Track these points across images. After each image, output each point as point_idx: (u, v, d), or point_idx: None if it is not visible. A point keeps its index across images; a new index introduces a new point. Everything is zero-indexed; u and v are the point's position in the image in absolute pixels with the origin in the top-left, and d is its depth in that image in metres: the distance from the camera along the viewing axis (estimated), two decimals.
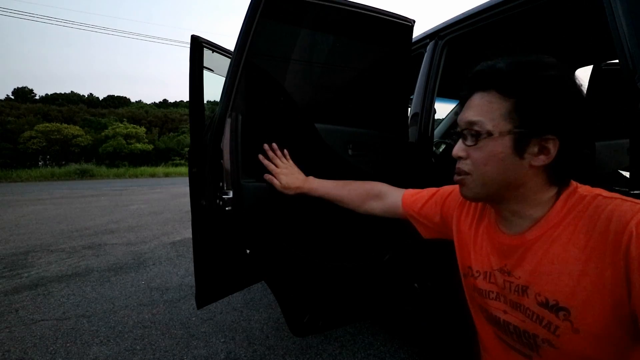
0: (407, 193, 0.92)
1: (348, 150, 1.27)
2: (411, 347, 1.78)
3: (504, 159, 0.55)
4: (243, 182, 1.08)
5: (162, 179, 16.29)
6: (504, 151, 0.55)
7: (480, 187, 0.59)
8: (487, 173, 0.57)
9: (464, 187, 0.62)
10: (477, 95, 0.58)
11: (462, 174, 0.60)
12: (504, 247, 0.62)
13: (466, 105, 0.60)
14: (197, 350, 1.80)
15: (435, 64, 1.49)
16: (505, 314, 0.61)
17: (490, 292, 0.64)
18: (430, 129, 1.49)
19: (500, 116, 0.55)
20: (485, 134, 0.55)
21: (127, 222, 5.29)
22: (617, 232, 0.47)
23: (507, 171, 0.55)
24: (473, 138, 0.57)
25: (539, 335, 0.55)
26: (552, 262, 0.54)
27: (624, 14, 0.83)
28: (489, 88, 0.56)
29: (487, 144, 0.56)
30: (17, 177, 15.79)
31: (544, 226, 0.56)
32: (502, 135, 0.54)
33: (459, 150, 0.60)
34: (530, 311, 0.56)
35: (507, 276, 0.60)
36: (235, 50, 1.03)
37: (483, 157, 0.56)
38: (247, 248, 1.15)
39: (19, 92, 40.11)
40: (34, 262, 3.34)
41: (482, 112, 0.56)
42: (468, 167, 0.59)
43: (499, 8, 1.22)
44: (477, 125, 0.56)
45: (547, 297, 0.53)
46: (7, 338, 1.95)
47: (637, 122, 0.81)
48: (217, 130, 1.06)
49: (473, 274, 0.69)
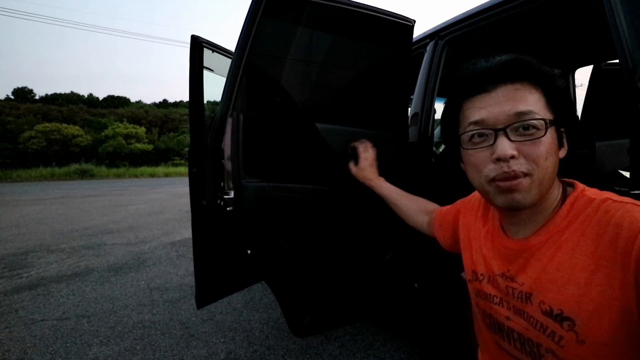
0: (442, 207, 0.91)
1: (349, 150, 1.27)
2: (411, 347, 1.78)
3: (556, 151, 0.52)
4: (244, 182, 1.08)
5: (162, 179, 16.29)
6: (555, 142, 0.53)
7: (539, 187, 0.51)
8: (548, 169, 0.51)
9: (521, 192, 0.51)
10: (507, 86, 0.53)
11: (519, 176, 0.51)
12: (507, 252, 0.59)
13: (495, 99, 0.53)
14: (197, 350, 1.80)
15: (435, 64, 1.50)
16: (508, 320, 0.59)
17: (494, 297, 0.62)
18: (430, 129, 1.49)
19: (543, 106, 0.53)
20: (543, 124, 0.51)
21: (127, 222, 5.28)
22: (629, 240, 0.44)
23: (557, 165, 0.53)
24: (529, 132, 0.51)
25: (542, 345, 0.53)
26: (558, 269, 0.51)
27: (624, 14, 0.83)
28: (520, 79, 0.53)
29: (546, 136, 0.51)
30: (17, 177, 15.80)
31: (549, 231, 0.53)
32: (552, 125, 0.52)
33: (509, 148, 0.50)
34: (534, 319, 0.54)
35: (510, 282, 0.58)
36: (236, 49, 1.03)
37: (544, 151, 0.50)
38: (248, 248, 1.15)
39: (19, 92, 40.07)
40: (34, 262, 3.34)
41: (529, 102, 0.51)
42: (526, 167, 0.51)
43: (499, 8, 1.22)
44: (530, 116, 0.51)
45: (551, 305, 0.51)
46: (7, 338, 1.95)
47: (637, 122, 0.81)
48: (218, 130, 1.06)
49: (478, 277, 0.67)
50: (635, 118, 0.80)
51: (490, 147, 0.53)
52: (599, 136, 1.58)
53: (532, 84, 0.53)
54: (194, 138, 1.54)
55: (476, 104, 0.55)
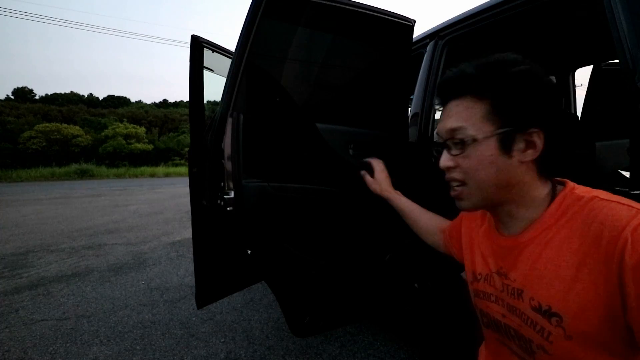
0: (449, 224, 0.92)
1: (349, 150, 1.27)
2: (411, 347, 1.78)
3: (493, 161, 0.54)
4: (244, 182, 1.08)
5: (162, 179, 16.28)
6: (492, 153, 0.54)
7: (477, 195, 0.58)
8: (481, 179, 0.56)
9: (462, 200, 0.60)
10: (451, 103, 0.58)
11: (456, 184, 0.59)
12: (501, 249, 0.62)
13: (443, 115, 0.59)
14: (197, 350, 1.80)
15: (435, 64, 1.50)
16: (504, 317, 0.61)
17: (491, 295, 0.64)
18: (430, 129, 1.49)
19: (480, 119, 0.54)
20: (470, 139, 0.55)
21: (127, 222, 5.29)
22: (611, 238, 0.45)
23: (500, 173, 0.55)
24: (458, 146, 0.57)
25: (533, 341, 0.55)
26: (545, 265, 0.53)
27: (624, 14, 0.83)
28: (462, 94, 0.56)
29: (475, 150, 0.55)
30: (17, 177, 15.77)
31: (538, 228, 0.55)
32: (487, 137, 0.54)
33: (446, 160, 0.59)
34: (525, 315, 0.55)
35: (504, 279, 0.60)
36: (236, 49, 1.03)
37: (474, 164, 0.56)
38: (248, 248, 1.15)
39: (19, 92, 40.07)
40: (34, 262, 3.34)
41: (461, 118, 0.56)
42: (460, 176, 0.58)
43: (499, 8, 1.22)
44: (460, 132, 0.56)
45: (540, 301, 0.53)
46: (7, 338, 1.95)
47: (637, 122, 0.81)
48: (219, 130, 1.06)
49: (476, 278, 0.69)
50: (635, 118, 0.80)
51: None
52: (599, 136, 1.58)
53: (474, 96, 0.55)
54: (194, 138, 1.54)
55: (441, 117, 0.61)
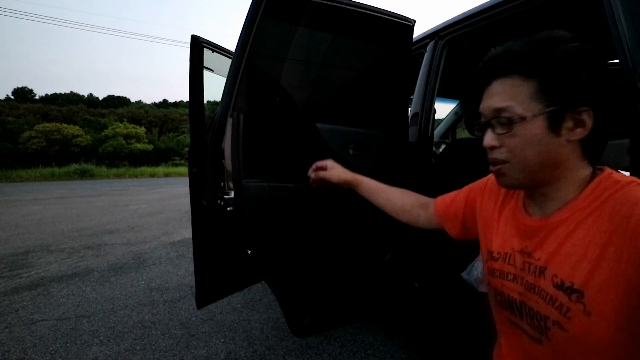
0: (439, 197, 0.92)
1: (349, 150, 1.27)
2: (411, 347, 1.78)
3: (541, 140, 0.54)
4: (244, 182, 1.08)
5: (162, 179, 16.28)
6: (540, 132, 0.54)
7: (520, 173, 0.57)
8: (527, 158, 0.55)
9: (503, 176, 0.59)
10: (496, 82, 0.57)
11: (498, 163, 0.58)
12: (528, 229, 0.62)
13: (487, 94, 0.58)
14: (197, 350, 1.80)
15: (435, 64, 1.50)
16: (520, 295, 0.61)
17: (508, 274, 0.64)
18: (430, 129, 1.49)
19: (528, 98, 0.53)
20: (517, 118, 0.54)
21: (127, 222, 5.29)
22: None
23: (547, 152, 0.54)
24: (504, 125, 0.55)
25: (549, 317, 0.55)
26: (575, 244, 0.53)
27: (624, 14, 0.83)
28: (508, 73, 0.55)
29: (522, 129, 0.54)
30: (17, 177, 15.77)
31: (571, 209, 0.55)
32: (535, 116, 0.53)
33: (492, 140, 0.58)
34: (545, 292, 0.56)
35: (527, 257, 0.60)
36: (236, 49, 1.03)
37: (520, 143, 0.55)
38: (248, 248, 1.15)
39: (19, 92, 40.04)
40: (34, 262, 3.34)
41: (508, 97, 0.55)
42: (504, 155, 0.57)
43: (499, 8, 1.23)
44: (507, 112, 0.55)
45: (563, 279, 0.53)
46: (7, 338, 1.95)
47: (637, 122, 0.81)
48: (219, 130, 1.06)
49: (493, 257, 0.69)
50: (635, 118, 0.80)
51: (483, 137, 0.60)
52: None
53: (521, 75, 0.54)
54: (194, 138, 1.54)
55: (483, 96, 0.60)
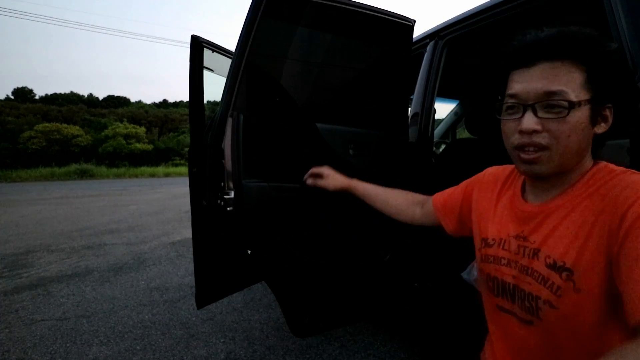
0: (436, 193, 0.93)
1: (349, 150, 1.27)
2: (411, 347, 1.78)
3: (583, 129, 0.55)
4: (244, 182, 1.08)
5: (162, 179, 16.27)
6: (584, 121, 0.55)
7: (557, 160, 0.56)
8: (569, 144, 0.55)
9: (539, 164, 0.57)
10: (544, 64, 0.55)
11: (539, 149, 0.56)
12: (525, 215, 0.64)
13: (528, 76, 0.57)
14: (197, 350, 1.80)
15: (435, 64, 1.50)
16: (514, 278, 0.63)
17: (502, 259, 0.66)
18: (430, 129, 1.49)
19: (579, 86, 0.54)
20: (570, 104, 0.53)
21: (127, 222, 5.29)
22: (626, 198, 0.49)
23: (584, 140, 0.56)
24: (554, 109, 0.54)
25: (541, 297, 0.57)
26: (568, 227, 0.55)
27: (624, 14, 0.83)
28: (561, 57, 0.54)
29: (572, 115, 0.54)
30: (17, 177, 15.75)
31: (568, 195, 0.58)
32: (584, 105, 0.54)
33: (534, 123, 0.55)
34: (538, 273, 0.58)
35: (523, 241, 0.62)
36: (236, 49, 1.03)
37: (567, 129, 0.54)
38: (248, 248, 1.15)
39: (19, 92, 40.02)
40: (34, 262, 3.34)
41: (561, 82, 0.54)
42: (547, 141, 0.55)
43: (499, 8, 1.23)
44: (560, 96, 0.54)
45: (555, 259, 0.55)
46: (7, 338, 1.95)
47: (637, 122, 0.81)
48: (219, 130, 1.06)
49: (488, 243, 0.70)
50: (635, 118, 0.80)
51: (518, 120, 0.58)
52: None
53: (573, 61, 0.54)
54: (194, 138, 1.54)
55: (516, 77, 0.59)
